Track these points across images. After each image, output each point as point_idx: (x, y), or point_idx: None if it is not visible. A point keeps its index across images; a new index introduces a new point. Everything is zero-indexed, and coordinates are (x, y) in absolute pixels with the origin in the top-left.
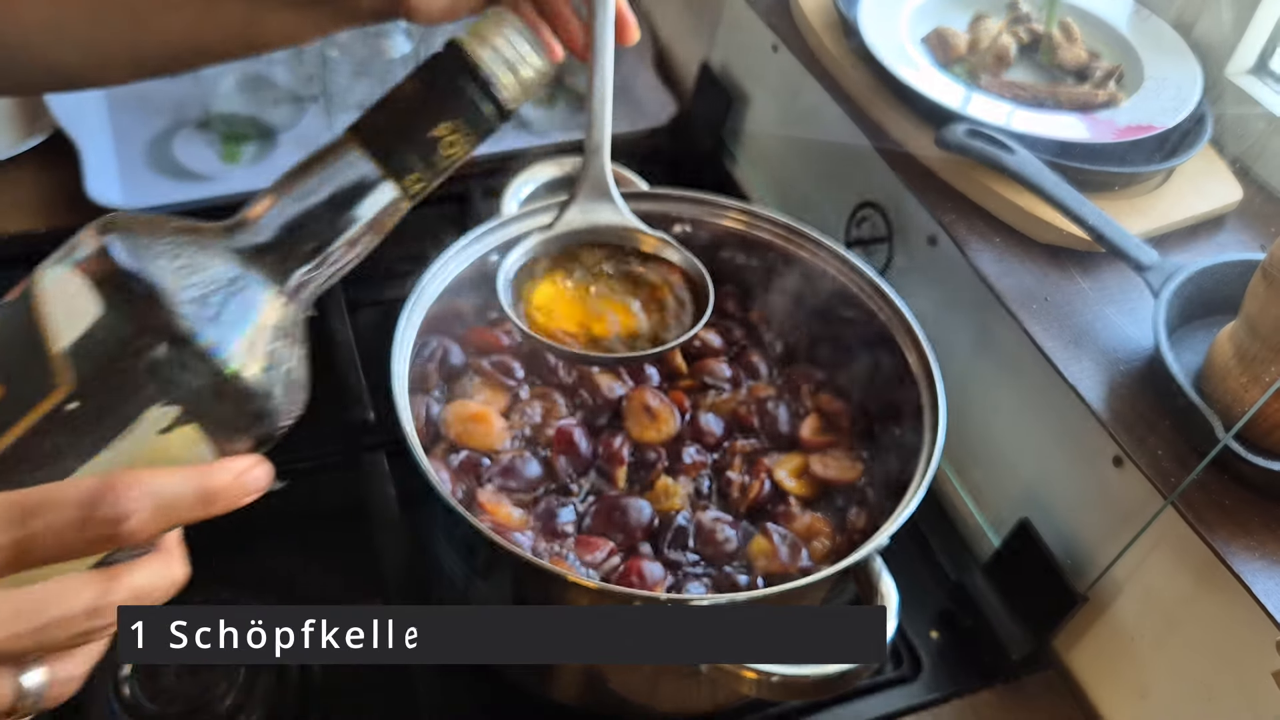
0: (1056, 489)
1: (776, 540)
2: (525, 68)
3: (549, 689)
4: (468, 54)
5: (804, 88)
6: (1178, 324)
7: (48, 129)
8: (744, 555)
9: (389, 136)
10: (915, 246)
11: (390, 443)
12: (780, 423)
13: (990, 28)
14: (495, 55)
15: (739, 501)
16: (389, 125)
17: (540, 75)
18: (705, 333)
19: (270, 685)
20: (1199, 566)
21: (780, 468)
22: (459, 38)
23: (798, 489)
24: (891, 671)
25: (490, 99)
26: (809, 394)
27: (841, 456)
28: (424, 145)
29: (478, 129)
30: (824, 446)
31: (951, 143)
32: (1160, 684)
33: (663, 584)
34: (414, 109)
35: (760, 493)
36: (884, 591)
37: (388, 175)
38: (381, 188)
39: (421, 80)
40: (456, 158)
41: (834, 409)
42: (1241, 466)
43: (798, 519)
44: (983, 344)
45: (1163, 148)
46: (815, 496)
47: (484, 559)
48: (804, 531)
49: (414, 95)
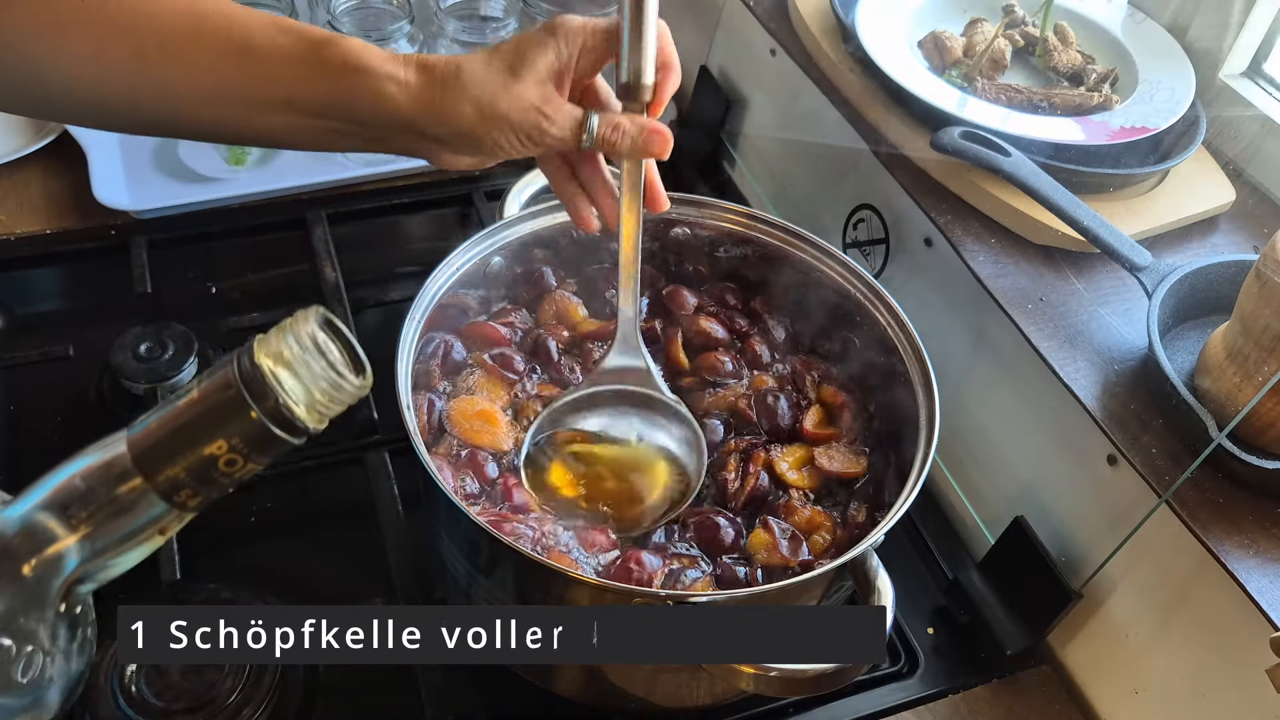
0: (1051, 487)
1: (777, 533)
2: (324, 385)
3: (550, 683)
4: (257, 367)
5: (801, 91)
6: (1171, 324)
7: (55, 131)
8: (744, 548)
9: (156, 452)
10: (911, 248)
11: (393, 441)
12: (781, 415)
13: (985, 32)
14: (289, 374)
15: (735, 496)
16: (158, 440)
17: (348, 394)
18: (707, 323)
19: (275, 681)
20: (1193, 564)
21: (782, 460)
22: (254, 345)
23: (799, 481)
24: (888, 667)
25: (279, 421)
26: (813, 385)
27: (846, 450)
28: (197, 464)
29: (265, 451)
30: (827, 439)
31: (947, 145)
32: (1154, 680)
33: (661, 572)
34: (186, 424)
35: (755, 485)
36: (881, 588)
37: (155, 492)
38: (148, 498)
39: (201, 392)
40: (242, 475)
41: (837, 402)
42: (1235, 465)
43: (799, 512)
44: (978, 344)
45: (1157, 150)
46: (817, 489)
47: (486, 556)
48: (805, 525)
49: (189, 408)
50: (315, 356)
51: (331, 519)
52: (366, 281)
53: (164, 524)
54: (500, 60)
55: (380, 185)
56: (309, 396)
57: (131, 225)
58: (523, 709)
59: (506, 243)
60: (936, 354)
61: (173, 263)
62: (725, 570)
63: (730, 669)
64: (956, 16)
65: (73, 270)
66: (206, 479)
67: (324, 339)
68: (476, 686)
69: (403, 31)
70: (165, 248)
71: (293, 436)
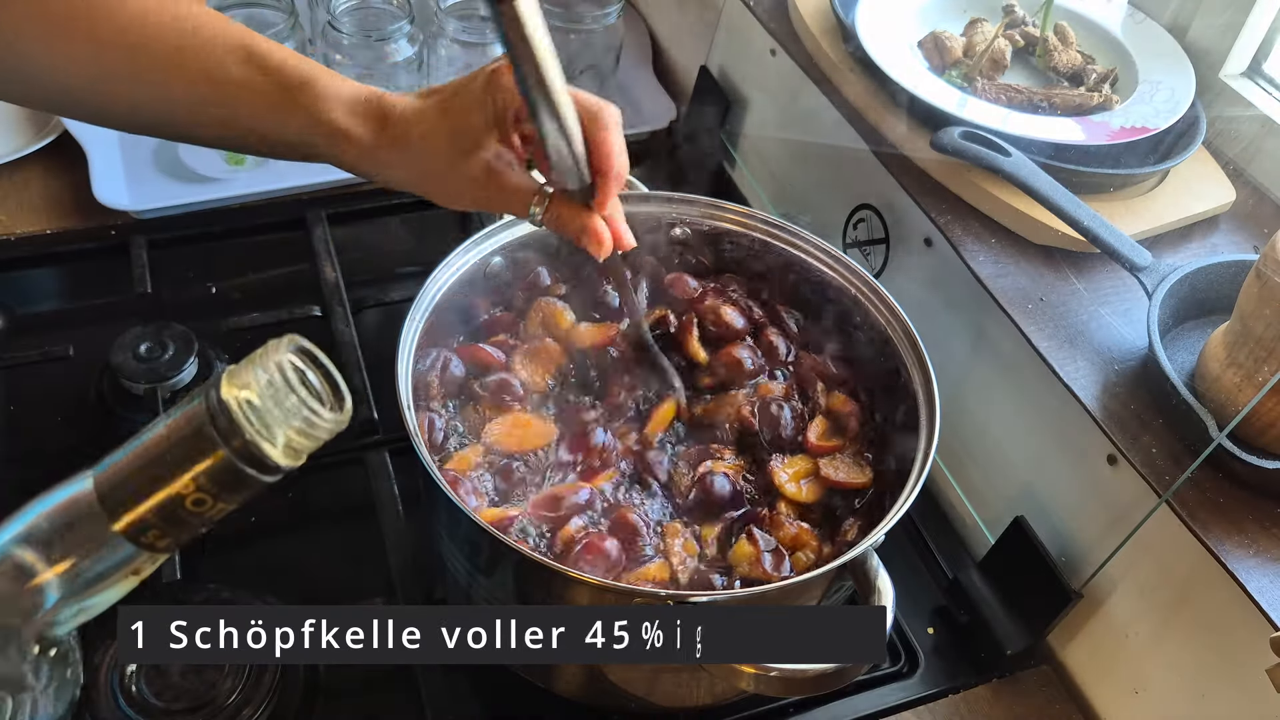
0: (1052, 487)
1: (761, 545)
2: (297, 423)
3: (551, 683)
4: (224, 403)
5: (802, 91)
6: (1171, 324)
7: (55, 131)
8: (726, 559)
9: (121, 492)
10: (911, 248)
11: (393, 441)
12: (784, 425)
13: (985, 32)
14: (259, 410)
15: (682, 493)
16: (123, 479)
17: (324, 430)
18: (727, 309)
19: (275, 681)
20: (1193, 564)
21: (783, 470)
22: (222, 378)
23: (797, 494)
24: (888, 667)
25: (249, 460)
26: (823, 393)
27: (851, 460)
28: (163, 504)
29: (236, 491)
30: (830, 451)
31: (947, 146)
32: (1154, 680)
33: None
34: (152, 463)
35: (705, 485)
36: (881, 588)
37: (121, 534)
38: (115, 540)
39: (167, 428)
40: (214, 515)
41: (846, 410)
42: (1235, 465)
43: (785, 527)
44: (978, 344)
45: (1157, 150)
46: (815, 502)
47: (487, 556)
48: (790, 542)
49: (155, 445)
50: (286, 392)
51: (331, 519)
52: (366, 281)
53: (136, 565)
54: (447, 129)
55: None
56: (281, 433)
57: (131, 225)
58: (523, 709)
59: (506, 243)
60: (936, 354)
61: (173, 263)
62: (701, 576)
63: (730, 669)
64: (956, 16)
65: (73, 270)
66: (174, 520)
67: (296, 370)
68: (476, 686)
69: (403, 31)
70: (165, 248)
71: (265, 475)
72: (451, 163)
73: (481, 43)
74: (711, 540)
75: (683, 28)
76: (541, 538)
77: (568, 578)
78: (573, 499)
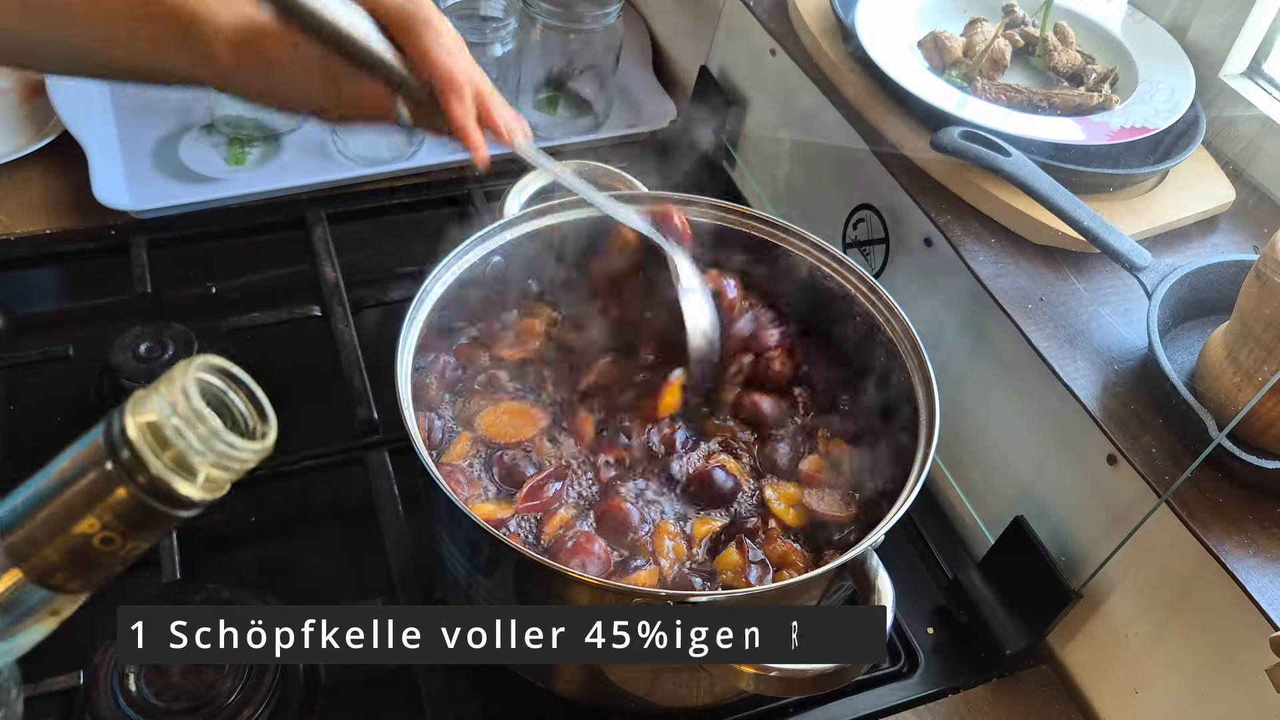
0: (1051, 487)
1: (749, 556)
2: (211, 456)
3: (550, 683)
4: (126, 436)
5: (802, 91)
6: (1171, 324)
7: (55, 131)
8: (711, 563)
9: (23, 533)
10: (911, 248)
11: (393, 441)
12: (780, 457)
13: (985, 32)
14: (165, 441)
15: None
16: (24, 519)
17: (243, 459)
18: (778, 363)
19: (275, 681)
20: (1193, 564)
21: (773, 489)
22: (126, 407)
23: (784, 515)
24: (888, 667)
25: (159, 496)
26: (824, 439)
27: (837, 496)
28: (69, 545)
29: (147, 528)
30: (821, 485)
31: (947, 146)
32: (1154, 680)
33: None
34: (52, 501)
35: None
36: (881, 588)
37: (27, 577)
38: (22, 583)
39: (70, 462)
40: (129, 553)
41: (843, 458)
42: (1234, 465)
43: (776, 543)
44: (978, 344)
45: (1157, 150)
46: (800, 528)
47: (486, 556)
48: (777, 558)
49: (56, 481)
50: (192, 422)
51: (331, 519)
52: (366, 281)
53: (54, 606)
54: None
55: (380, 185)
56: (201, 466)
57: (131, 225)
58: (523, 709)
59: (506, 243)
60: (936, 354)
61: (173, 263)
62: (682, 577)
63: (730, 669)
64: (956, 16)
65: (73, 270)
66: (84, 561)
67: (214, 393)
68: (476, 686)
69: None
70: (165, 248)
71: (180, 510)
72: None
73: (482, 43)
74: (703, 543)
75: (682, 28)
76: (530, 534)
77: (567, 577)
78: (551, 488)
